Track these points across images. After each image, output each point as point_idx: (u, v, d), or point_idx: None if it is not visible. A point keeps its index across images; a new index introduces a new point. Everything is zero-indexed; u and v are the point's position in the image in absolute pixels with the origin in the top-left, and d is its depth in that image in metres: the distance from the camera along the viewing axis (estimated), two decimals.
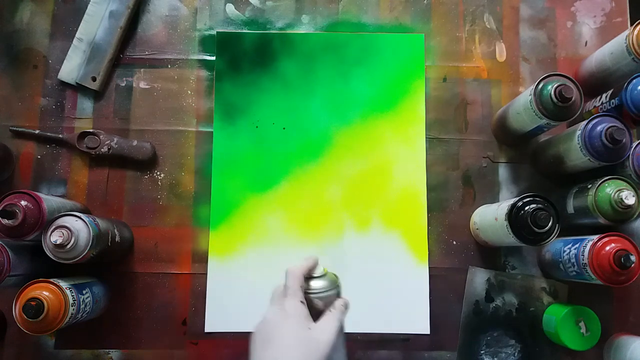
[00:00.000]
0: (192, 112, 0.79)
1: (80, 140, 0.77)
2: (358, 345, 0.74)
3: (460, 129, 0.79)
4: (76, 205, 0.73)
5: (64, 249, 0.60)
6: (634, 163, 0.66)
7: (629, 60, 0.67)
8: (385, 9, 0.82)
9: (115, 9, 0.79)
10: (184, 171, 0.78)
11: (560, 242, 0.69)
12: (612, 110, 0.67)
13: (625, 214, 0.63)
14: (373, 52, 0.80)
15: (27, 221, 0.61)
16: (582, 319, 0.68)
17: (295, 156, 0.78)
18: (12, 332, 0.73)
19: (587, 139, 0.64)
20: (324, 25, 0.82)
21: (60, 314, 0.60)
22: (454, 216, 0.77)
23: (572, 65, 0.80)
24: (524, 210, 0.63)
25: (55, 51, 0.80)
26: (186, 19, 0.81)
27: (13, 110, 0.78)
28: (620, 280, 0.61)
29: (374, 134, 0.79)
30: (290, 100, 0.79)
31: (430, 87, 0.80)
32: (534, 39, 0.81)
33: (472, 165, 0.78)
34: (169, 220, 0.76)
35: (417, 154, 0.78)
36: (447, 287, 0.75)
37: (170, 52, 0.80)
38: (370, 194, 0.77)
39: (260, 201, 0.77)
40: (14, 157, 0.77)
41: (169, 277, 0.75)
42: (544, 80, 0.65)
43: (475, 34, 0.81)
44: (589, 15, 0.82)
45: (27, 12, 0.80)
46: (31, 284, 0.61)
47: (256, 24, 0.81)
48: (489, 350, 0.74)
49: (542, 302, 0.74)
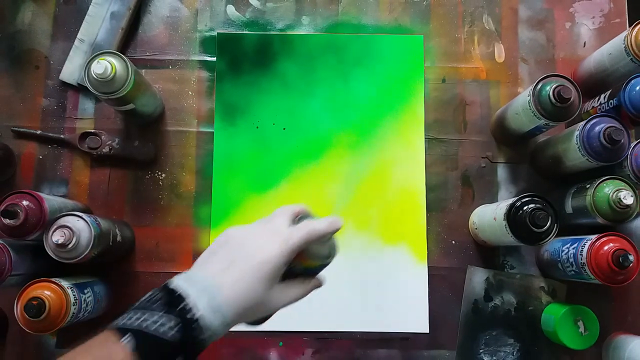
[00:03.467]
0: (193, 112, 0.80)
1: (82, 140, 0.77)
2: (358, 344, 0.74)
3: (459, 129, 0.80)
4: (78, 205, 0.73)
5: (66, 249, 0.61)
6: (632, 163, 0.66)
7: (628, 61, 0.68)
8: (385, 10, 0.82)
9: (116, 10, 0.79)
10: (185, 171, 0.78)
11: (559, 242, 0.70)
12: (611, 110, 0.67)
13: (624, 214, 0.64)
14: (372, 53, 0.81)
15: (29, 221, 0.61)
16: (581, 318, 0.69)
17: (296, 156, 0.78)
18: (14, 331, 0.73)
19: (585, 139, 0.64)
20: (324, 27, 0.82)
21: (62, 314, 0.61)
22: (453, 216, 0.77)
23: (570, 66, 0.80)
24: (523, 210, 0.63)
25: (56, 52, 0.80)
26: (187, 20, 0.82)
27: (15, 110, 0.79)
28: (619, 279, 0.62)
29: (374, 134, 0.79)
30: (291, 101, 0.80)
31: (429, 88, 0.80)
32: (532, 39, 0.82)
33: (471, 165, 0.79)
34: (170, 220, 0.77)
35: (416, 154, 0.78)
36: (446, 287, 0.76)
37: (171, 53, 0.81)
38: (369, 194, 0.77)
39: (261, 201, 0.77)
40: (16, 157, 0.77)
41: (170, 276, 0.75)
42: (543, 81, 0.65)
43: (474, 35, 0.82)
44: (587, 16, 0.82)
45: (28, 13, 0.81)
46: (33, 283, 0.61)
47: (256, 25, 0.82)
48: (487, 349, 0.74)
49: (540, 301, 0.75)
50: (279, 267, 0.46)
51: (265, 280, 0.46)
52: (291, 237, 0.47)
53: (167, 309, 0.42)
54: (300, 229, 0.48)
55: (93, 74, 0.64)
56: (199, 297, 0.43)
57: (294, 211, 0.51)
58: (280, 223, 0.49)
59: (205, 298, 0.44)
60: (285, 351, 0.74)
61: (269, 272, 0.46)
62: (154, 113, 0.77)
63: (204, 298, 0.43)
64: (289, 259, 0.47)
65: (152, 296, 0.44)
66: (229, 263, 0.46)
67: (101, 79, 0.64)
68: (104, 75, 0.64)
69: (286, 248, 0.46)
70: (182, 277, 0.46)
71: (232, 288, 0.45)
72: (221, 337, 0.46)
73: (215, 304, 0.44)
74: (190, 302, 0.43)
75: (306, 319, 0.74)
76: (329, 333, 0.75)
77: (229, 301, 0.44)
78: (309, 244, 0.48)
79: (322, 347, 0.74)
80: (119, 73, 0.65)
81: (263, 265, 0.46)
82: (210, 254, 0.48)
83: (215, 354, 0.74)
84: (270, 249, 0.46)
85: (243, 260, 0.46)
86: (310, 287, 0.51)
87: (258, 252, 0.46)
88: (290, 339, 0.75)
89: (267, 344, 0.74)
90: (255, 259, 0.46)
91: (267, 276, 0.46)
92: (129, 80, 0.66)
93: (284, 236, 0.47)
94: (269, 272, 0.46)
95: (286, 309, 0.75)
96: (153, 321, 0.42)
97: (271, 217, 0.50)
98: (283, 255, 0.46)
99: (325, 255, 0.51)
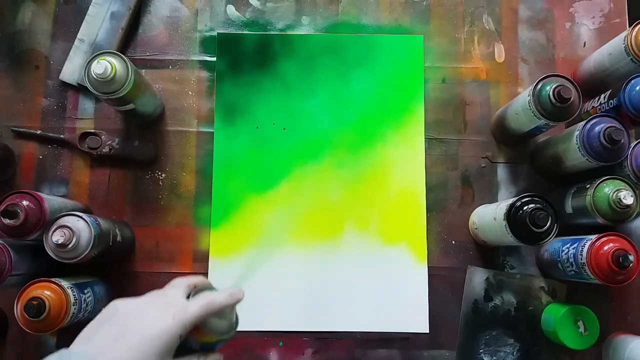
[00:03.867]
0: (193, 112, 0.80)
1: (82, 140, 0.77)
2: (357, 344, 0.75)
3: (459, 129, 0.80)
4: (78, 205, 0.73)
5: (66, 249, 0.61)
6: (632, 163, 0.66)
7: (628, 61, 0.68)
8: (385, 11, 0.82)
9: (116, 10, 0.79)
10: (185, 171, 0.78)
11: (559, 242, 0.70)
12: (611, 110, 0.67)
13: (624, 214, 0.64)
14: (372, 53, 0.81)
15: (29, 221, 0.61)
16: (581, 318, 0.69)
17: (296, 156, 0.78)
18: (14, 331, 0.73)
19: (585, 139, 0.64)
20: (324, 27, 0.82)
21: (62, 314, 0.61)
22: (453, 216, 0.77)
23: (570, 66, 0.80)
24: (523, 210, 0.63)
25: (56, 52, 0.80)
26: (187, 20, 0.82)
27: (15, 110, 0.79)
28: (619, 279, 0.62)
29: (374, 134, 0.79)
30: (291, 101, 0.80)
31: (429, 88, 0.80)
32: (532, 39, 0.82)
33: (471, 165, 0.79)
34: (170, 220, 0.77)
35: (416, 154, 0.78)
36: (446, 287, 0.76)
37: (171, 53, 0.81)
38: (369, 194, 0.77)
39: (261, 201, 0.77)
40: (16, 157, 0.77)
41: (170, 276, 0.75)
42: (543, 81, 0.65)
43: (474, 35, 0.82)
44: (587, 16, 0.82)
45: (28, 13, 0.81)
46: (33, 283, 0.61)
47: (256, 25, 0.82)
48: (487, 349, 0.74)
49: (540, 301, 0.75)
50: (172, 342, 0.43)
51: (156, 356, 0.42)
52: (187, 310, 0.44)
53: None
54: (197, 301, 0.45)
55: (93, 74, 0.64)
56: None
57: (189, 283, 0.48)
58: (175, 294, 0.46)
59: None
60: (285, 351, 0.74)
61: (161, 348, 0.42)
62: (154, 113, 0.77)
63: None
64: (183, 332, 0.43)
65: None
66: (116, 337, 0.42)
67: (101, 79, 0.64)
68: (104, 75, 0.64)
69: (181, 321, 0.43)
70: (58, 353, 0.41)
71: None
72: None
73: None
74: None
75: (306, 319, 0.74)
76: (329, 333, 0.75)
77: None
78: (207, 317, 0.45)
79: (322, 347, 0.74)
80: (119, 73, 0.65)
81: (154, 340, 0.42)
82: (97, 326, 0.44)
83: None
84: (163, 322, 0.42)
85: (132, 334, 0.42)
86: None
87: (149, 325, 0.42)
88: (290, 339, 0.75)
89: (267, 344, 0.74)
90: (146, 332, 0.42)
91: (159, 352, 0.42)
92: (129, 80, 0.66)
93: (178, 308, 0.44)
94: (161, 348, 0.42)
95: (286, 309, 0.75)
96: None
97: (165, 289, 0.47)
98: (177, 329, 0.43)
99: (225, 330, 0.47)
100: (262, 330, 0.74)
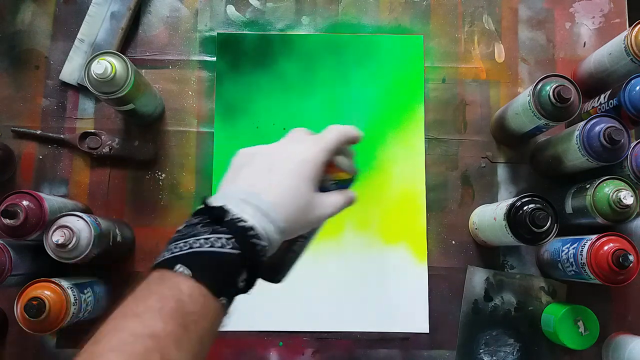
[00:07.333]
0: (193, 112, 0.80)
1: (82, 140, 0.77)
2: (358, 343, 0.74)
3: (459, 129, 0.80)
4: (78, 205, 0.73)
5: (66, 249, 0.61)
6: (632, 163, 0.66)
7: (628, 61, 0.68)
8: (385, 11, 0.82)
9: (116, 10, 0.79)
10: (185, 171, 0.78)
11: (559, 242, 0.70)
12: (611, 110, 0.67)
13: (624, 214, 0.64)
14: (373, 53, 0.81)
15: (29, 221, 0.61)
16: (581, 318, 0.69)
17: None
18: (14, 331, 0.73)
19: (585, 140, 0.64)
20: (324, 27, 0.82)
21: (62, 314, 0.61)
22: (453, 216, 0.77)
23: (570, 66, 0.80)
24: (523, 210, 0.63)
25: (56, 52, 0.80)
26: (187, 20, 0.82)
27: (15, 110, 0.79)
28: (619, 279, 0.62)
29: (374, 134, 0.79)
30: (291, 101, 0.80)
31: (429, 88, 0.80)
32: (532, 39, 0.82)
33: (471, 165, 0.79)
34: (170, 220, 0.77)
35: (417, 154, 0.78)
36: (446, 287, 0.76)
37: (171, 53, 0.81)
38: (369, 194, 0.77)
39: None
40: (16, 157, 0.77)
41: None
42: (543, 81, 0.65)
43: (474, 35, 0.82)
44: (587, 16, 0.82)
45: (28, 13, 0.81)
46: (33, 283, 0.61)
47: (256, 25, 0.82)
48: (487, 349, 0.74)
49: (540, 301, 0.75)
50: (319, 166, 0.44)
51: (308, 179, 0.43)
52: (324, 137, 0.46)
53: (213, 226, 0.38)
54: (330, 130, 0.47)
55: (93, 74, 0.64)
56: (242, 207, 0.40)
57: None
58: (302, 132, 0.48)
59: (249, 207, 0.40)
60: (285, 351, 0.74)
61: (311, 171, 0.43)
62: (154, 113, 0.77)
63: (248, 207, 0.40)
64: (326, 158, 0.45)
65: (188, 223, 0.40)
66: (266, 170, 0.43)
67: (101, 79, 0.64)
68: (104, 75, 0.64)
69: (324, 146, 0.45)
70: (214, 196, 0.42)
71: (275, 192, 0.42)
72: (224, 338, 0.44)
73: (263, 210, 0.40)
74: (236, 213, 0.39)
75: (306, 319, 0.74)
76: (329, 333, 0.75)
77: (275, 206, 0.41)
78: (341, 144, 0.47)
79: (322, 347, 0.74)
80: (119, 73, 0.65)
81: (304, 164, 0.43)
82: (238, 169, 0.45)
83: (215, 354, 0.74)
84: (307, 148, 0.44)
85: (281, 163, 0.43)
86: (347, 197, 0.48)
87: (296, 153, 0.44)
88: (290, 339, 0.75)
89: (267, 344, 0.74)
90: (294, 159, 0.43)
91: (310, 175, 0.43)
92: (129, 80, 0.66)
93: (316, 137, 0.46)
94: (311, 171, 0.43)
95: (286, 309, 0.75)
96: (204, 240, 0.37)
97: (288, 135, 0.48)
98: (322, 153, 0.44)
99: (352, 168, 0.50)
100: (262, 330, 0.74)
